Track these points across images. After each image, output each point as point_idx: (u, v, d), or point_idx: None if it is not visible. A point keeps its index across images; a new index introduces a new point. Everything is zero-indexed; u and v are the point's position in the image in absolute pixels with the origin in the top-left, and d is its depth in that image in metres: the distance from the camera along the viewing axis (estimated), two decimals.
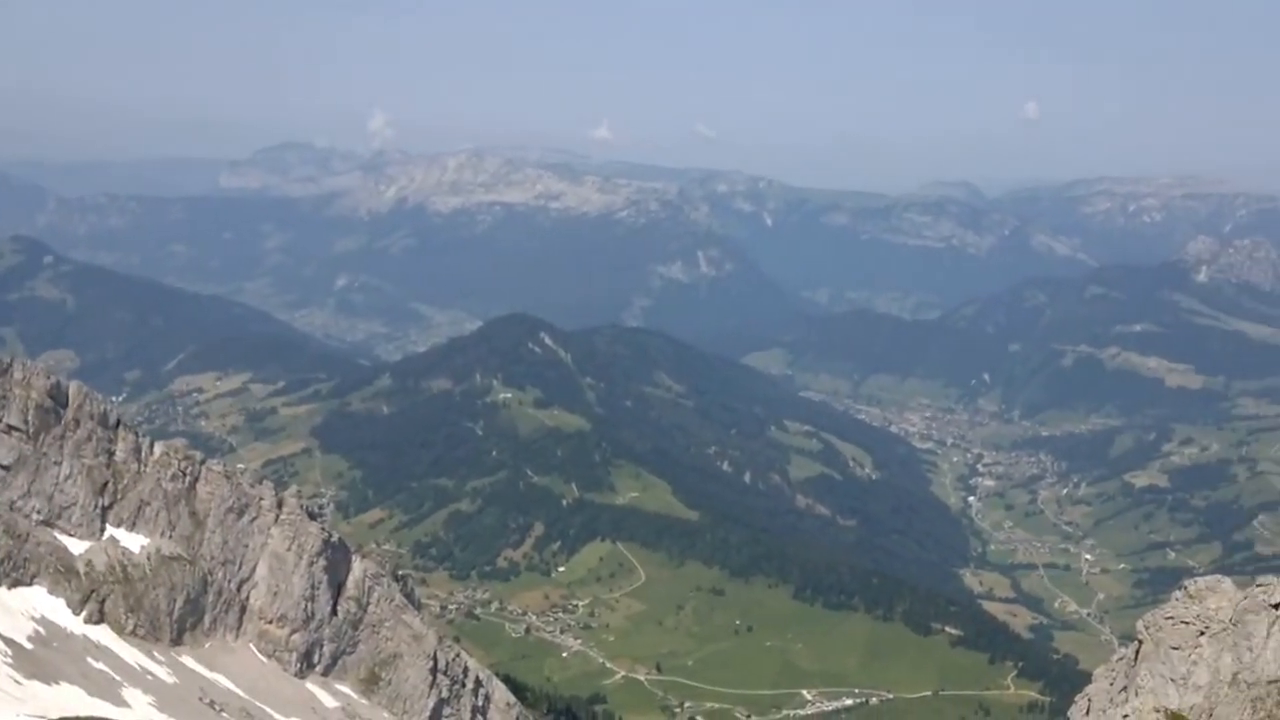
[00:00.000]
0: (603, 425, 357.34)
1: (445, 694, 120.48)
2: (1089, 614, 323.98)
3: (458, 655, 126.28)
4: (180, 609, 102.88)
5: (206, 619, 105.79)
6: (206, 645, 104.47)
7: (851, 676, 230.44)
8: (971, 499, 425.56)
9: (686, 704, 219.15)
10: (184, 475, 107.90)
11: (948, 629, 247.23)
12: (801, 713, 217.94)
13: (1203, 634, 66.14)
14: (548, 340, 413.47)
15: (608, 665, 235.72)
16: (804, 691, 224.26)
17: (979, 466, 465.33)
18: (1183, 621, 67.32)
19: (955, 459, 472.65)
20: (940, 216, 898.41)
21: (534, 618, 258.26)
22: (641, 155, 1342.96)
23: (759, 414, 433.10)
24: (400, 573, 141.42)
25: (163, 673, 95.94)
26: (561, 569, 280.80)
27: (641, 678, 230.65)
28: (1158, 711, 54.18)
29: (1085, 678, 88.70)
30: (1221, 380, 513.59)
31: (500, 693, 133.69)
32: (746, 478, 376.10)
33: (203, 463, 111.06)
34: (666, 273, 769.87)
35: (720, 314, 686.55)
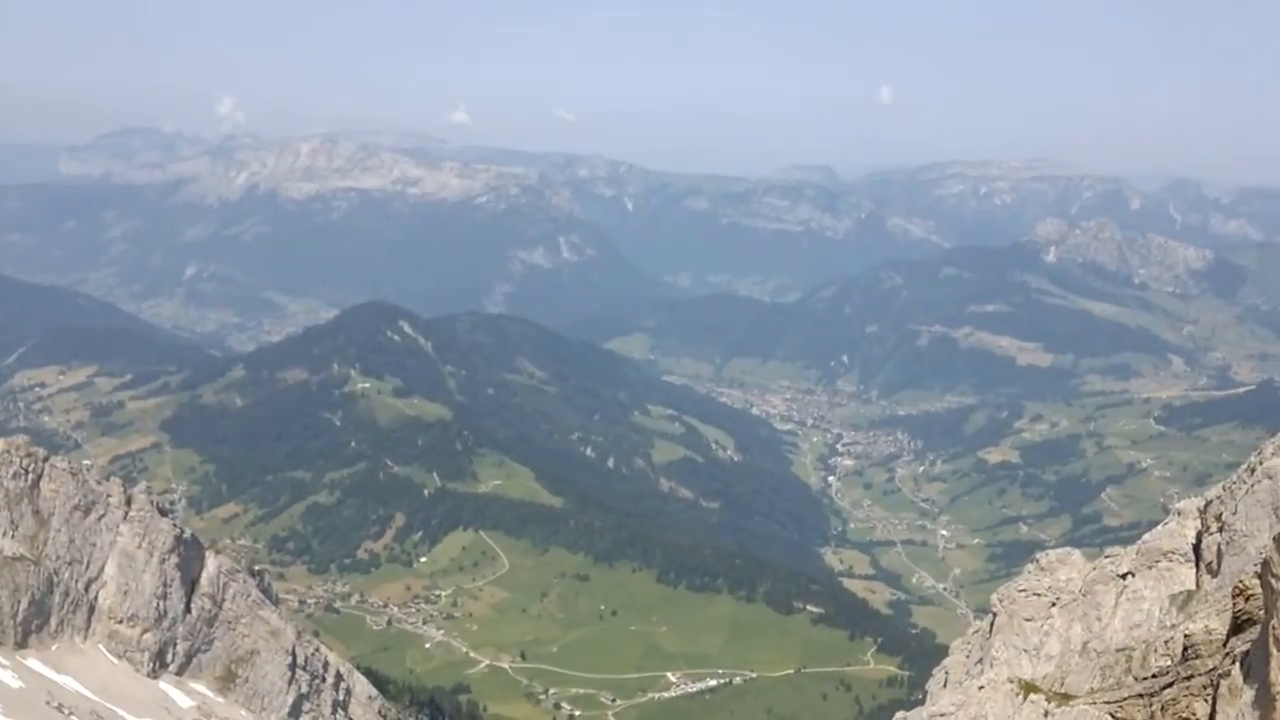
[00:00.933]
0: (464, 413, 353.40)
1: (305, 689, 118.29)
2: (945, 588, 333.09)
3: (317, 650, 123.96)
4: (25, 611, 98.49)
5: (53, 620, 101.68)
6: (53, 647, 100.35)
7: (715, 657, 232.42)
8: (831, 478, 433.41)
9: (551, 691, 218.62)
10: (26, 473, 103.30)
11: (809, 607, 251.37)
12: (666, 695, 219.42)
13: (1054, 605, 67.26)
14: (407, 328, 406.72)
15: (471, 655, 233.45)
16: (668, 674, 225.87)
17: (838, 446, 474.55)
18: (1035, 594, 68.41)
19: (815, 439, 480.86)
20: (798, 200, 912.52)
21: (396, 609, 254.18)
22: (501, 140, 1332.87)
23: (622, 399, 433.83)
24: (256, 568, 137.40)
25: (7, 677, 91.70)
26: (423, 559, 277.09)
27: (506, 666, 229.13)
28: (1011, 682, 54.47)
29: (942, 651, 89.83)
30: (1070, 358, 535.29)
31: (362, 686, 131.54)
32: (610, 463, 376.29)
33: (46, 459, 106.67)
34: (528, 258, 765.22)
35: (583, 299, 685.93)
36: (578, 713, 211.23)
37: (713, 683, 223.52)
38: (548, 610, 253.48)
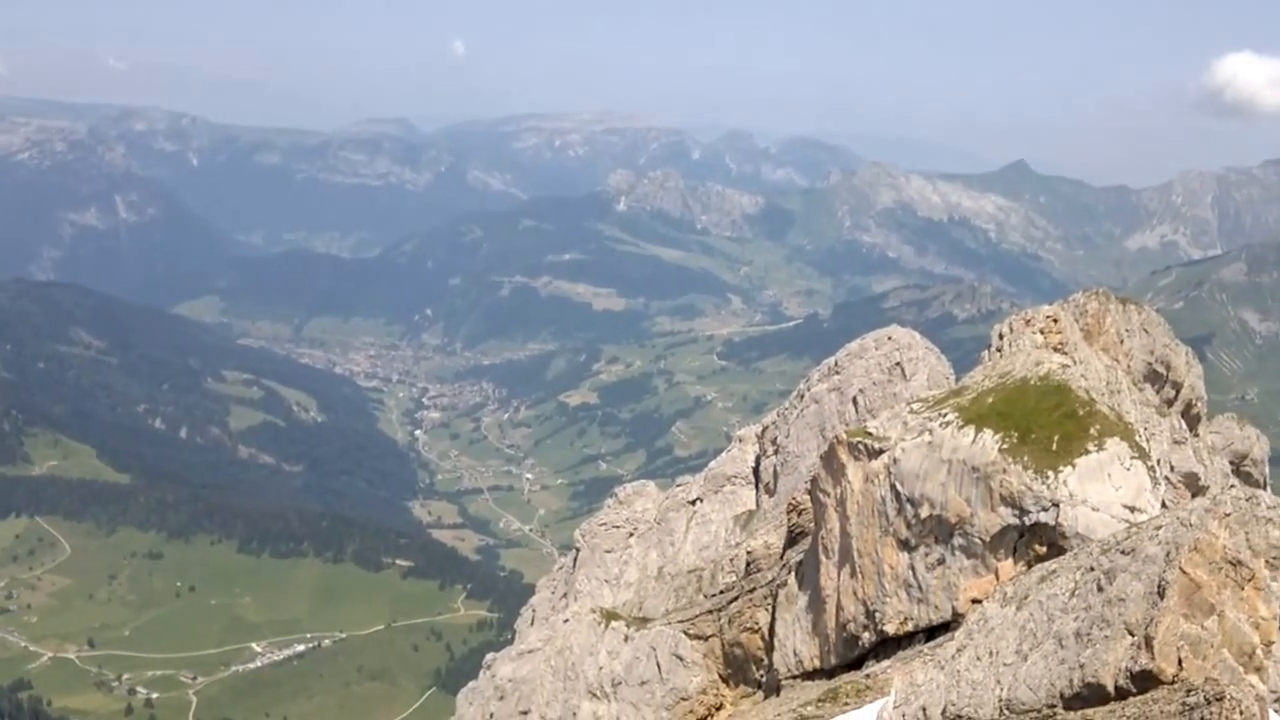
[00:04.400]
0: (12, 391, 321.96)
1: None
2: (532, 529, 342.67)
3: None
4: None
5: None
6: None
7: (303, 622, 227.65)
8: (418, 432, 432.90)
9: (125, 676, 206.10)
10: None
11: (399, 562, 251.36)
12: (251, 666, 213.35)
13: (632, 535, 69.97)
14: None
15: (31, 648, 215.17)
16: (253, 644, 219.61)
17: (424, 400, 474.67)
18: (614, 526, 70.89)
19: (401, 395, 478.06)
20: (376, 154, 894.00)
21: None
22: (42, 91, 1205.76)
23: (194, 366, 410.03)
24: None
25: None
26: None
27: (72, 656, 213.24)
28: (594, 612, 56.07)
29: (530, 590, 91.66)
30: (641, 301, 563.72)
31: None
32: (183, 433, 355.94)
33: None
34: (79, 220, 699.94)
35: (145, 262, 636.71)
36: (155, 695, 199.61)
37: (301, 648, 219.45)
38: (118, 593, 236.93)
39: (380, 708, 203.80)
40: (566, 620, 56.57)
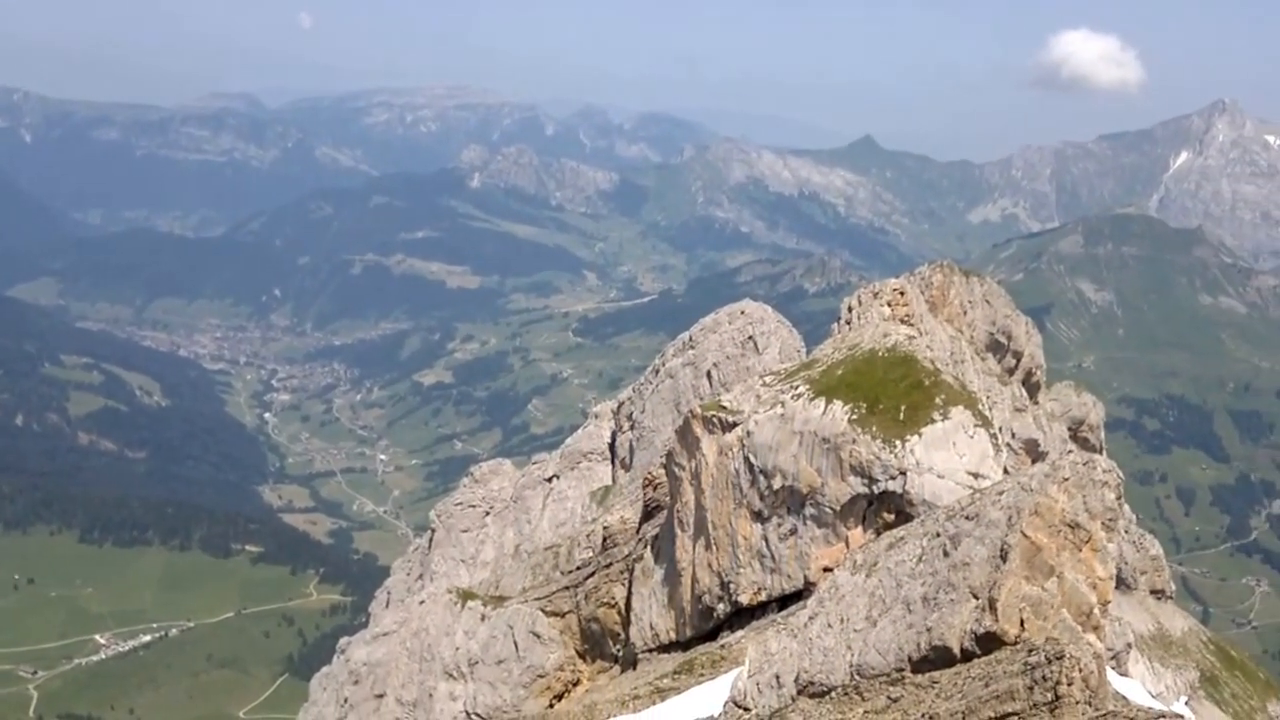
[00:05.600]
0: None
1: None
2: (386, 511, 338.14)
3: None
4: None
5: None
6: None
7: (149, 612, 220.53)
8: (268, 415, 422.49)
9: None
10: None
11: (248, 548, 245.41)
12: (95, 658, 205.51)
13: (488, 514, 69.49)
14: None
15: None
16: (97, 636, 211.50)
17: (274, 382, 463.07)
18: (470, 505, 70.34)
19: (249, 377, 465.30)
20: (220, 130, 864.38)
21: None
22: None
23: (29, 350, 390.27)
24: None
25: None
26: None
27: None
28: (451, 592, 55.48)
29: (385, 573, 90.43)
30: (496, 279, 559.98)
31: None
32: (19, 421, 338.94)
33: None
34: None
35: None
36: None
37: (147, 638, 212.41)
38: None
39: (231, 696, 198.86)
40: (422, 601, 55.80)
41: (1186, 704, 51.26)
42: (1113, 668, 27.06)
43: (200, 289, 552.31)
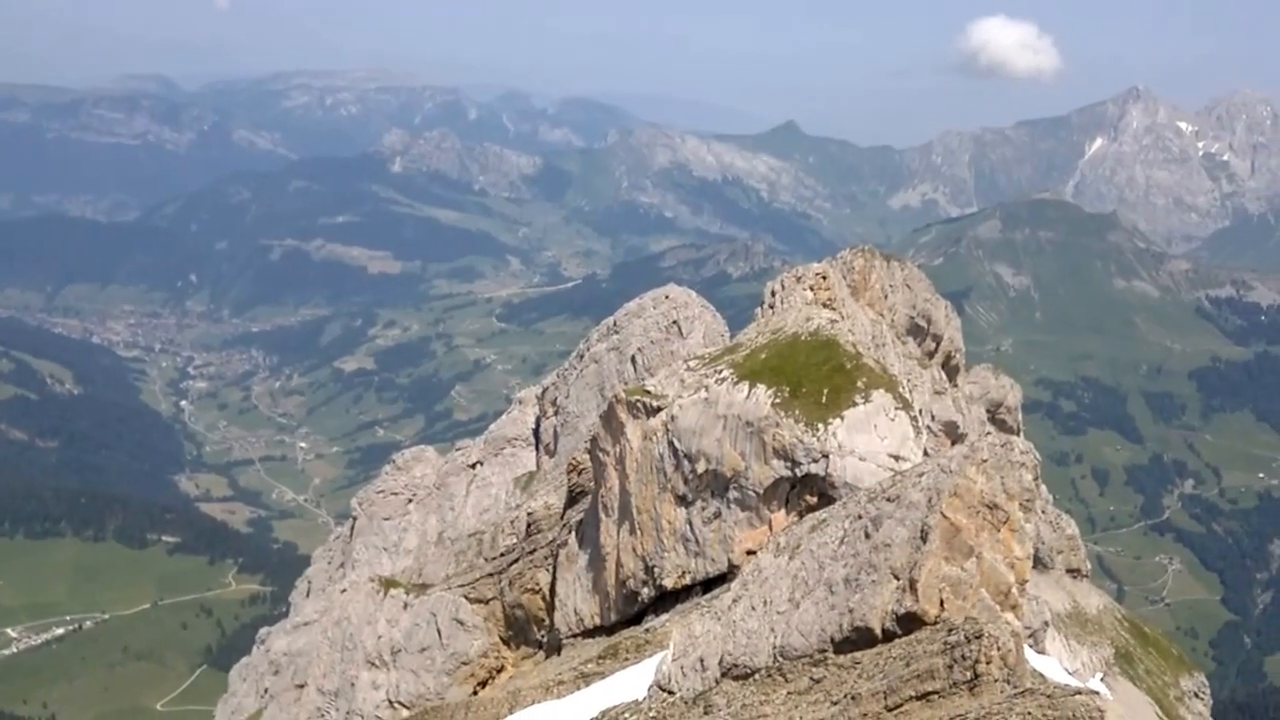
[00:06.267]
0: None
1: None
2: (307, 499, 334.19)
3: None
4: None
5: None
6: None
7: (63, 604, 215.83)
8: (184, 403, 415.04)
9: None
10: None
11: (165, 538, 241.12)
12: (6, 652, 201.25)
13: (411, 501, 68.92)
14: None
15: None
16: (8, 630, 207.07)
17: (190, 369, 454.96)
18: (392, 493, 69.73)
19: (165, 364, 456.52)
20: (134, 112, 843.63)
21: None
22: None
23: None
24: None
25: None
26: None
27: None
28: (373, 580, 54.97)
29: (305, 562, 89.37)
30: (419, 264, 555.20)
31: None
32: None
33: None
34: None
35: None
36: None
37: (60, 631, 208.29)
38: None
39: (148, 688, 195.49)
40: (344, 590, 55.20)
41: (1102, 680, 52.42)
42: (1030, 646, 27.55)
43: (113, 275, 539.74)
